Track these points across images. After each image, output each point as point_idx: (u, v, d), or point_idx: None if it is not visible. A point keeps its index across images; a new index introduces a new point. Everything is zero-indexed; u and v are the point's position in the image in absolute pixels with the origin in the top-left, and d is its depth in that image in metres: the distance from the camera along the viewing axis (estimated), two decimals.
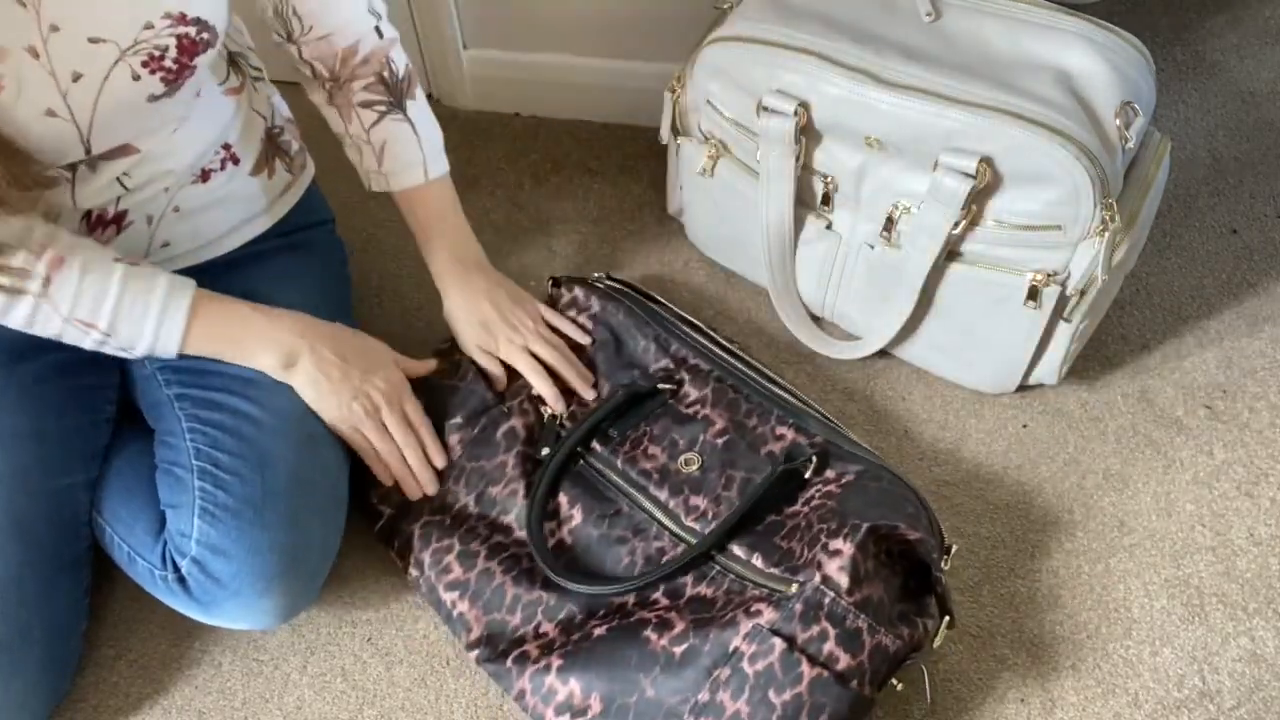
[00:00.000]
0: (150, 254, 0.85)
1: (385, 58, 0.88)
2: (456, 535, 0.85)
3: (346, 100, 0.89)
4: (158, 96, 0.75)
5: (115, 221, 0.81)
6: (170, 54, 0.73)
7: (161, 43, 0.72)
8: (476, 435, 0.90)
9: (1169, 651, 0.85)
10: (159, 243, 0.85)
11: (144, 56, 0.72)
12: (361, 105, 0.88)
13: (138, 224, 0.82)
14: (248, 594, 0.78)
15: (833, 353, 1.04)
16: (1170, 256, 1.12)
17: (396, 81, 0.89)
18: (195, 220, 0.86)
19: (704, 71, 0.96)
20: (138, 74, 0.72)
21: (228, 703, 0.86)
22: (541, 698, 0.78)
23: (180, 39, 0.73)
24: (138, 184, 0.81)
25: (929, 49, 0.87)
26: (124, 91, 0.72)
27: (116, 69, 0.71)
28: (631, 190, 1.23)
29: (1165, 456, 0.97)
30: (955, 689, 0.84)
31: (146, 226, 0.83)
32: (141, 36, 0.71)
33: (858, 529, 0.76)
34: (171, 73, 0.74)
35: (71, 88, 0.70)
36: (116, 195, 0.80)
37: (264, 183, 0.91)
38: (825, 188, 0.96)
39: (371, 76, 0.88)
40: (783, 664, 0.72)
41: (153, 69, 0.73)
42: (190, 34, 0.73)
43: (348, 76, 0.88)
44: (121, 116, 0.74)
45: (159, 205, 0.83)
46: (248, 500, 0.79)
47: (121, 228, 0.82)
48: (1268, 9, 1.38)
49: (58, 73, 0.69)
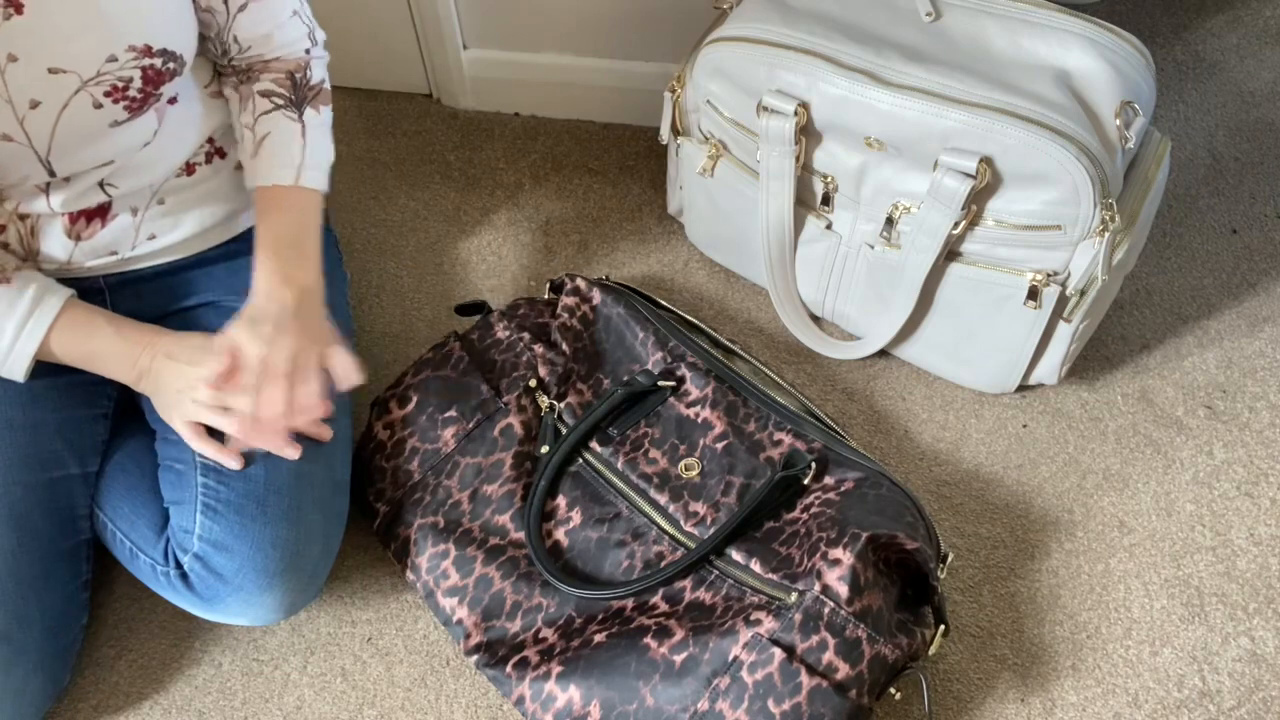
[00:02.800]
0: (137, 247, 0.85)
1: (304, 63, 0.86)
2: (453, 539, 0.85)
3: (249, 90, 0.85)
4: (120, 122, 0.74)
5: (100, 215, 0.81)
6: (135, 84, 0.72)
7: (125, 74, 0.71)
8: (472, 430, 0.90)
9: (1169, 651, 0.85)
10: (145, 235, 0.85)
11: (106, 87, 0.71)
12: (260, 94, 0.85)
13: (122, 216, 0.82)
14: (250, 589, 0.79)
15: (833, 353, 1.04)
16: (1170, 256, 1.12)
17: (305, 84, 0.86)
18: (181, 214, 0.86)
19: (704, 71, 0.96)
20: (99, 103, 0.71)
21: (228, 703, 0.86)
22: (541, 704, 0.78)
23: (145, 70, 0.72)
24: (121, 192, 0.81)
25: (929, 49, 0.87)
26: (84, 119, 0.72)
27: (76, 98, 0.70)
28: (631, 190, 1.23)
29: (1165, 456, 0.97)
30: (955, 689, 0.84)
31: (132, 219, 0.83)
32: (105, 69, 0.70)
33: (857, 538, 0.76)
34: (135, 101, 0.73)
35: (29, 114, 0.69)
36: (102, 200, 0.81)
37: None
38: (825, 188, 0.96)
39: (282, 73, 0.85)
40: (782, 673, 0.72)
41: (116, 99, 0.72)
42: (156, 65, 0.73)
43: (260, 69, 0.85)
44: (82, 141, 0.73)
45: (143, 199, 0.83)
46: (250, 495, 0.79)
47: (106, 221, 0.82)
48: (1268, 9, 1.38)
49: (15, 100, 0.68)
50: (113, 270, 0.86)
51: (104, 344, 0.79)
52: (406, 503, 0.88)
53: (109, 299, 0.86)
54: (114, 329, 0.80)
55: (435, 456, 0.89)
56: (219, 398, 0.79)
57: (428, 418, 0.91)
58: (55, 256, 0.81)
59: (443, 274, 1.14)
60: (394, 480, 0.90)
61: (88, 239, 0.82)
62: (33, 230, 0.79)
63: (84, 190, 0.79)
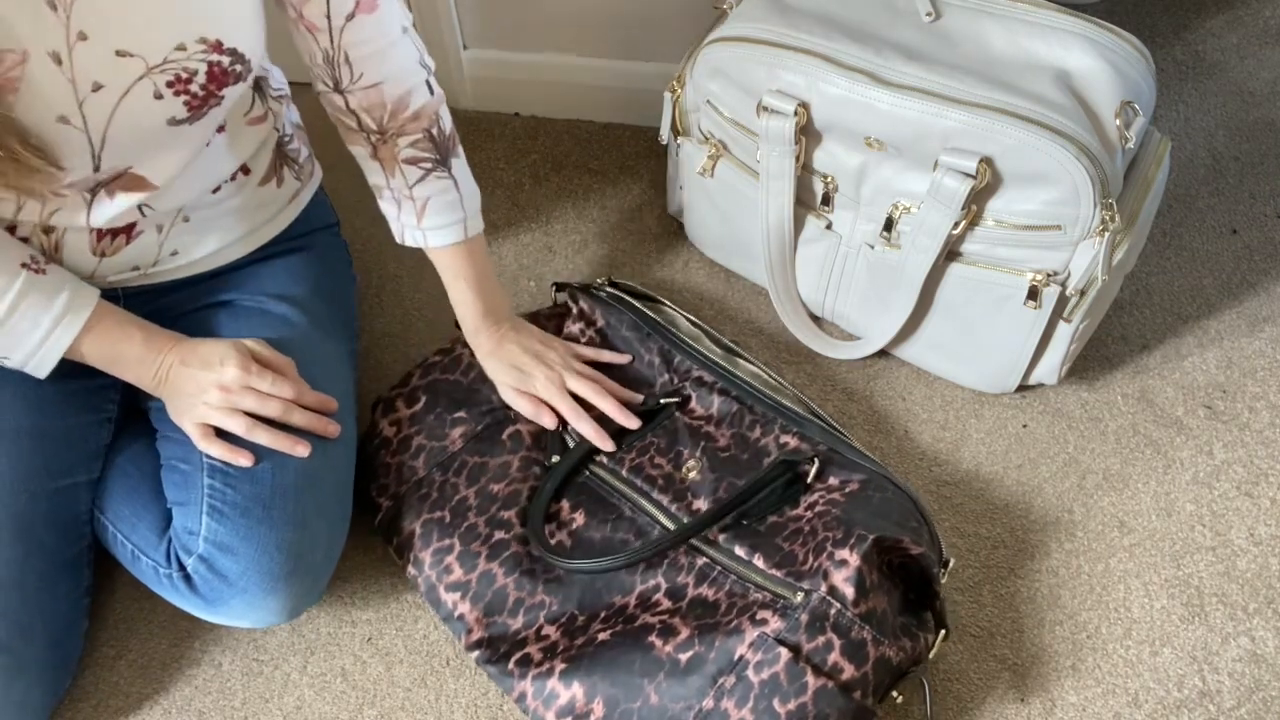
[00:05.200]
0: (160, 263, 0.85)
1: (435, 114, 0.85)
2: (457, 535, 0.85)
3: (391, 155, 0.86)
4: (179, 121, 0.74)
5: (125, 232, 0.81)
6: (199, 79, 0.72)
7: (192, 66, 0.71)
8: (481, 431, 0.90)
9: (1169, 651, 0.85)
10: (168, 251, 0.85)
11: (170, 76, 0.71)
12: (407, 161, 0.86)
13: (147, 234, 0.82)
14: (255, 592, 0.79)
15: (833, 353, 1.04)
16: (1170, 256, 1.12)
17: (444, 139, 0.87)
18: (204, 229, 0.86)
19: (704, 71, 0.96)
20: (160, 93, 0.71)
21: (228, 703, 0.86)
22: (543, 701, 0.78)
23: (211, 66, 0.72)
24: (157, 214, 0.81)
25: (929, 49, 0.87)
26: (143, 109, 0.71)
27: (139, 85, 0.70)
28: (631, 190, 1.23)
29: (1165, 456, 0.97)
30: (955, 689, 0.84)
31: (156, 235, 0.83)
32: (172, 56, 0.70)
33: (864, 540, 0.76)
34: (197, 99, 0.73)
35: (90, 97, 0.69)
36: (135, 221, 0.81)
37: (272, 191, 0.91)
38: (825, 188, 0.96)
39: (420, 133, 0.85)
40: (788, 673, 0.72)
41: (177, 90, 0.72)
42: (223, 63, 0.72)
43: (396, 130, 0.84)
44: (137, 135, 0.73)
45: (169, 216, 0.83)
46: (256, 498, 0.79)
47: (131, 238, 0.82)
48: (1268, 9, 1.38)
49: (78, 81, 0.68)
50: (132, 284, 0.86)
51: (131, 349, 0.80)
52: (411, 498, 0.88)
53: (123, 304, 0.86)
54: (143, 336, 0.81)
55: (442, 454, 0.89)
56: (228, 399, 0.79)
57: (436, 417, 0.91)
58: (78, 271, 0.81)
59: None
60: (399, 476, 0.90)
61: (112, 255, 0.82)
62: (57, 245, 0.79)
63: (123, 211, 0.78)
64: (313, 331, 0.89)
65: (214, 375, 0.80)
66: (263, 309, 0.89)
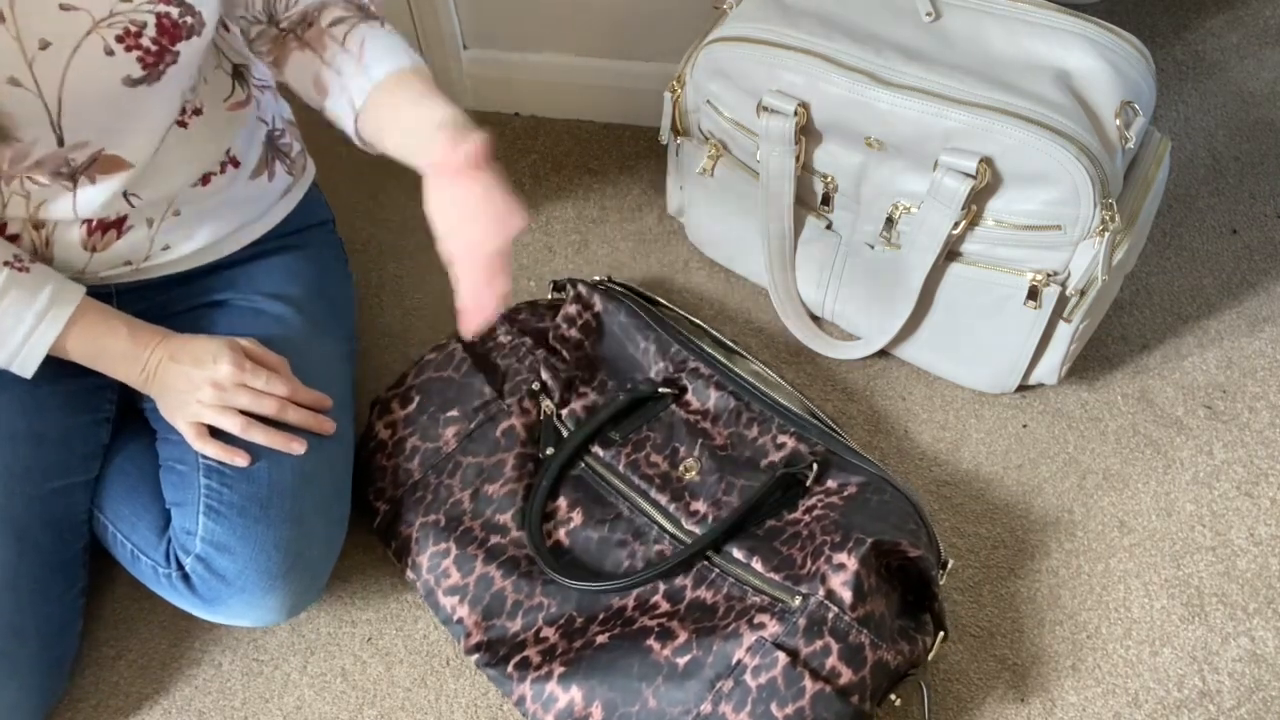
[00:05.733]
0: (151, 257, 0.85)
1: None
2: (453, 538, 0.85)
3: (318, 32, 0.81)
4: (136, 81, 0.72)
5: (116, 226, 0.81)
6: (149, 32, 0.71)
7: (139, 18, 0.70)
8: (474, 430, 0.90)
9: (1169, 651, 0.85)
10: (159, 246, 0.85)
11: (119, 30, 0.69)
12: (332, 24, 0.81)
13: (138, 228, 0.82)
14: (253, 591, 0.79)
15: (833, 353, 1.04)
16: (1170, 256, 1.12)
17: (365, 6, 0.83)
18: (195, 224, 0.86)
19: (704, 71, 0.96)
20: (111, 49, 0.70)
21: (228, 703, 0.86)
22: (542, 704, 0.78)
23: (160, 18, 0.71)
24: (144, 202, 0.81)
25: (929, 49, 0.87)
26: (96, 67, 0.70)
27: (88, 40, 0.69)
28: (631, 190, 1.23)
29: (1165, 456, 0.97)
30: (955, 689, 0.84)
31: (147, 230, 0.83)
32: (118, 8, 0.69)
33: (862, 543, 0.75)
34: (150, 54, 0.72)
35: (38, 55, 0.68)
36: (124, 211, 0.80)
37: (264, 185, 0.91)
38: (825, 188, 0.96)
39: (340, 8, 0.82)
40: (785, 678, 0.72)
41: (129, 46, 0.70)
42: (172, 14, 0.71)
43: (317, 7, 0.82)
44: (95, 99, 0.72)
45: (159, 209, 0.83)
46: (253, 497, 0.79)
47: (122, 232, 0.82)
48: (1268, 9, 1.38)
49: (23, 38, 0.67)
50: (125, 279, 0.86)
51: (116, 344, 0.79)
52: (407, 501, 0.88)
53: (116, 302, 0.86)
54: (128, 330, 0.80)
55: (436, 455, 0.89)
56: (222, 397, 0.79)
57: (429, 417, 0.91)
58: (71, 266, 0.81)
59: (442, 274, 1.14)
60: (394, 479, 0.90)
61: (103, 250, 0.82)
62: (48, 241, 0.79)
63: (108, 198, 0.78)
64: (308, 330, 0.89)
65: (207, 372, 0.79)
66: (256, 308, 0.89)
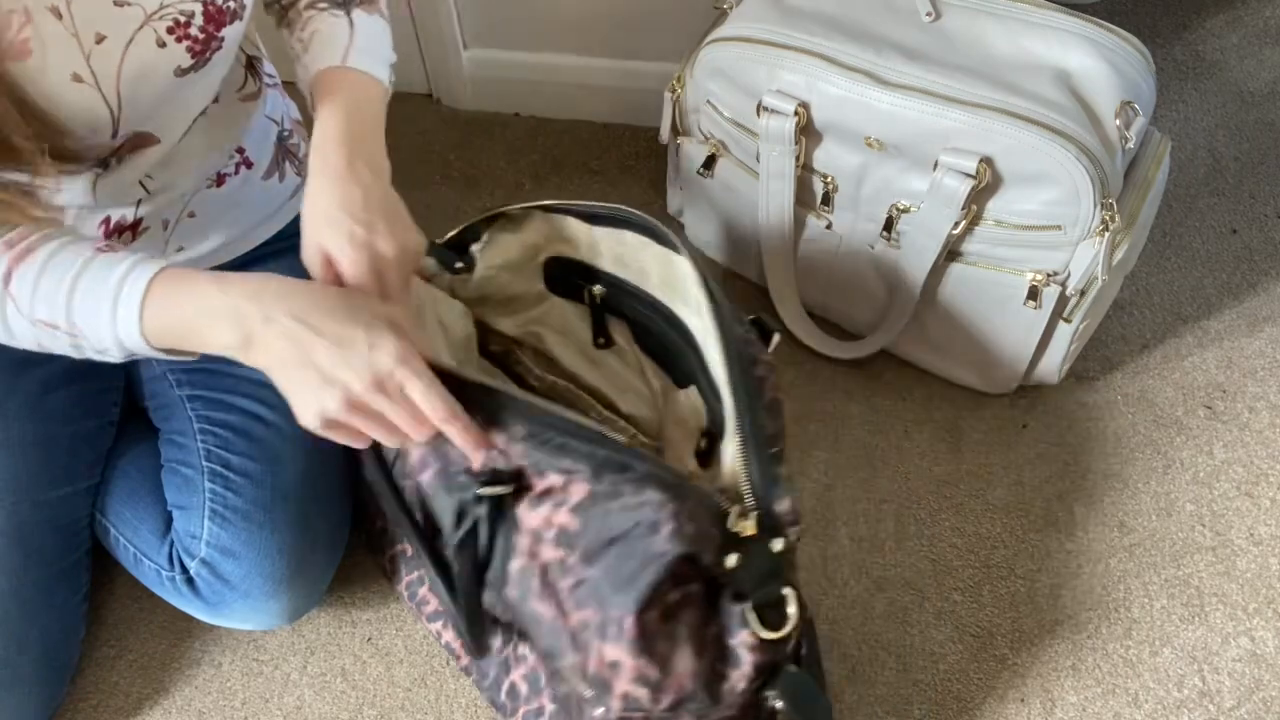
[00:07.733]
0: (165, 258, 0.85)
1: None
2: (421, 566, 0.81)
3: (297, 12, 0.79)
4: (185, 70, 0.73)
5: (132, 228, 0.81)
6: (196, 21, 0.71)
7: (187, 8, 0.71)
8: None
9: (1169, 651, 0.85)
10: (174, 248, 0.85)
11: (169, 22, 0.70)
12: (306, 6, 0.79)
13: (153, 229, 0.82)
14: (257, 595, 0.79)
15: (833, 353, 1.04)
16: (1170, 256, 1.12)
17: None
18: (209, 224, 0.86)
19: (704, 72, 0.96)
20: (163, 40, 0.70)
21: (228, 703, 0.86)
22: None
23: (207, 5, 0.71)
24: (158, 188, 0.80)
25: (929, 49, 0.87)
26: (149, 59, 0.71)
27: (141, 33, 0.69)
28: (631, 190, 1.23)
29: (1165, 456, 0.97)
30: (955, 689, 0.84)
31: (162, 231, 0.83)
32: (168, 1, 0.70)
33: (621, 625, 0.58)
34: (198, 42, 0.72)
35: (95, 50, 0.68)
36: (138, 198, 0.80)
37: (275, 186, 0.91)
38: (825, 188, 0.96)
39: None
40: None
41: (179, 36, 0.71)
42: (217, 1, 0.72)
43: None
44: (149, 90, 0.72)
45: (174, 210, 0.83)
46: (258, 503, 0.79)
47: (138, 234, 0.82)
48: (1268, 9, 1.38)
49: (81, 34, 0.67)
50: None
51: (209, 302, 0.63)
52: (388, 523, 0.86)
53: None
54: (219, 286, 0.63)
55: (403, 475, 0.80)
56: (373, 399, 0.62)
57: None
58: None
59: None
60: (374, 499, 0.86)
61: None
62: None
63: (126, 185, 0.77)
64: None
65: (360, 356, 0.61)
66: None
